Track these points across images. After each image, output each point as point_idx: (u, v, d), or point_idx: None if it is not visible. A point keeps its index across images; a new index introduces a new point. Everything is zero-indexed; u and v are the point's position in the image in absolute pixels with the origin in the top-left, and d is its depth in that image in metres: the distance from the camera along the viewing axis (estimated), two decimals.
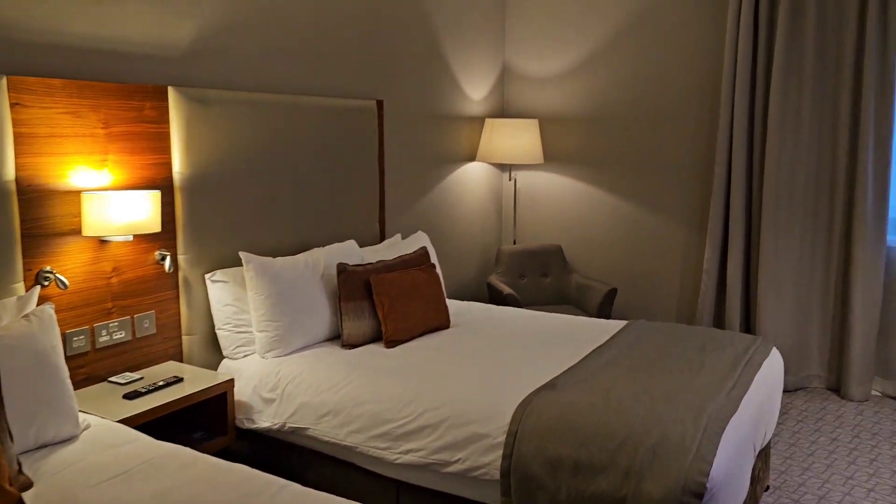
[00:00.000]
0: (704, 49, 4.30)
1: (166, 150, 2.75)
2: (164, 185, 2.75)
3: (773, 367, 2.78)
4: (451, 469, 2.30)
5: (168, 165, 2.76)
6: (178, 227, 2.81)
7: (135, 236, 2.61)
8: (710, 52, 4.29)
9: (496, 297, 4.29)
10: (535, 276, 4.65)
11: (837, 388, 4.11)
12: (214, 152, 2.90)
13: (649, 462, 1.99)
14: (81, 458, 1.97)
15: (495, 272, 4.60)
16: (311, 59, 3.41)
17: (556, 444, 2.13)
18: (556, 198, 4.89)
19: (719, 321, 4.34)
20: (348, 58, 3.62)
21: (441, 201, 4.40)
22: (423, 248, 3.47)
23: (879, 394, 4.08)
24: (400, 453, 2.40)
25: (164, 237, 2.76)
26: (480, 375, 2.58)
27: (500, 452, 2.21)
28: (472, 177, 4.72)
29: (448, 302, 3.72)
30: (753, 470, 2.66)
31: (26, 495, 1.77)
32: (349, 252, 3.28)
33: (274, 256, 3.03)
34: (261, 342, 2.85)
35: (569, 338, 3.05)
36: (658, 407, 2.21)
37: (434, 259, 3.66)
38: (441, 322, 3.22)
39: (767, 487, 3.02)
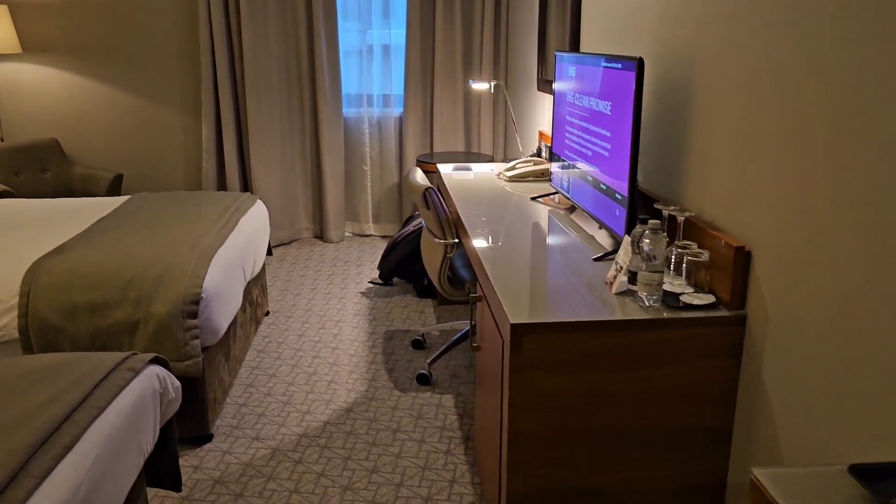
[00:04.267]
0: None
1: None
2: None
3: (257, 213, 3.43)
4: None
5: None
6: None
7: None
8: None
9: None
10: (34, 172, 4.51)
11: (321, 235, 5.09)
12: None
13: (155, 289, 2.42)
14: None
15: None
16: None
17: (70, 293, 2.40)
18: (45, 90, 4.72)
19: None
20: None
21: None
22: None
23: (350, 234, 5.20)
24: None
25: None
26: None
27: (15, 313, 2.38)
28: None
29: None
30: (251, 296, 3.32)
31: None
32: None
33: None
34: None
35: (74, 215, 3.22)
36: (160, 249, 2.63)
37: None
38: None
39: (268, 312, 3.76)
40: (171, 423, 1.95)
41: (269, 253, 3.70)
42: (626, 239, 1.83)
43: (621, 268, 1.83)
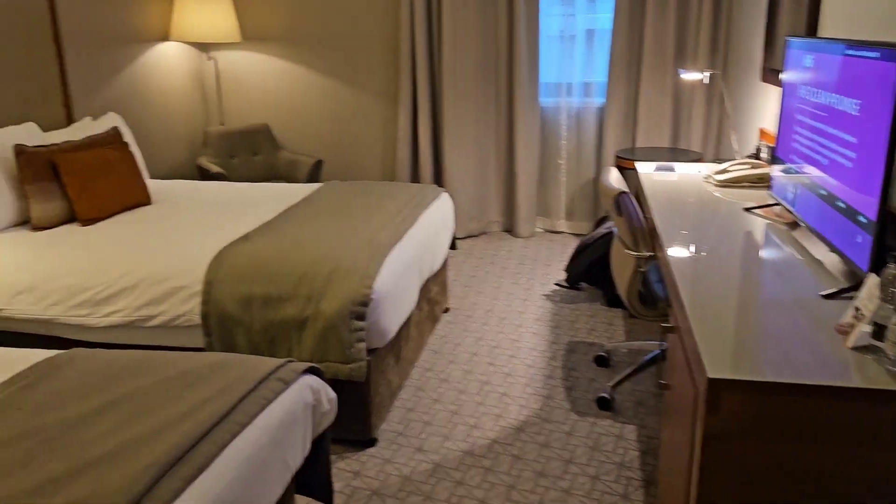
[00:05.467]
0: None
1: None
2: None
3: (441, 208, 3.30)
4: (154, 322, 2.49)
5: None
6: None
7: None
8: None
9: (206, 178, 4.37)
10: (246, 155, 4.77)
11: (510, 229, 4.91)
12: None
13: (326, 286, 2.36)
14: None
15: (205, 154, 4.64)
16: None
17: (248, 284, 2.42)
18: (259, 77, 4.98)
19: (415, 181, 4.88)
20: None
21: (137, 83, 4.27)
22: (115, 128, 3.43)
23: (541, 230, 4.96)
24: (102, 317, 2.53)
25: None
26: (177, 238, 2.75)
27: (199, 300, 2.45)
28: (169, 57, 4.61)
29: (151, 181, 3.75)
30: (429, 293, 3.21)
31: None
32: (28, 135, 3.15)
33: None
34: None
35: (268, 201, 3.30)
36: (335, 243, 2.58)
37: (129, 139, 3.63)
38: (140, 199, 3.28)
39: (447, 309, 3.64)
40: (325, 436, 1.86)
41: (453, 247, 3.57)
42: (873, 280, 1.42)
43: (863, 315, 1.42)
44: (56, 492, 1.22)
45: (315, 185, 3.58)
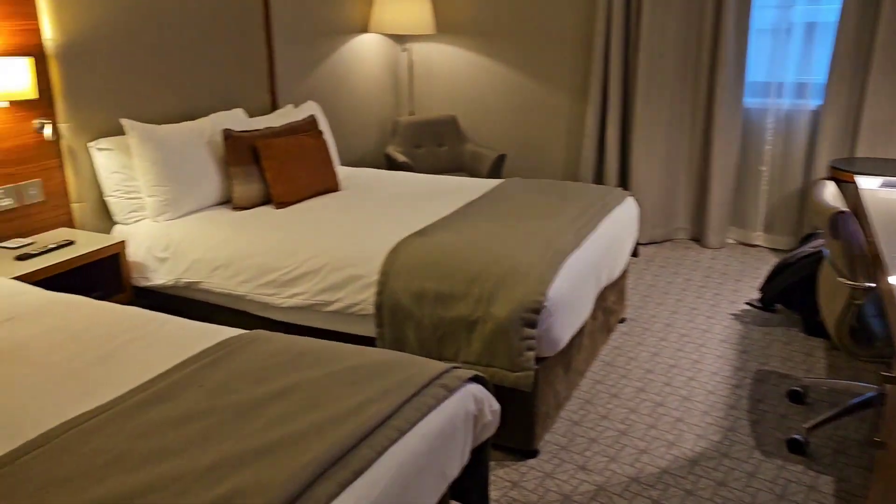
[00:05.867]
0: None
1: (32, 15, 2.73)
2: (34, 52, 2.74)
3: (625, 213, 3.11)
4: (332, 308, 2.57)
5: (36, 32, 2.75)
6: (56, 95, 2.83)
7: (11, 104, 2.64)
8: None
9: (393, 166, 4.48)
10: (431, 146, 4.84)
11: (699, 237, 4.57)
12: (89, 18, 2.89)
13: (498, 289, 2.29)
14: None
15: (393, 143, 4.76)
16: None
17: (422, 279, 2.41)
18: (450, 69, 5.02)
19: (599, 181, 4.69)
20: None
21: (336, 73, 4.47)
22: (312, 116, 3.59)
23: (734, 241, 4.57)
24: (286, 297, 2.64)
25: (42, 106, 2.79)
26: (359, 227, 2.81)
27: (374, 290, 2.48)
28: (367, 48, 4.77)
29: (340, 168, 3.90)
30: (605, 302, 3.04)
31: None
32: (236, 120, 3.37)
33: (159, 124, 3.11)
34: (152, 207, 2.98)
35: (448, 195, 3.29)
36: (510, 244, 2.50)
37: (324, 127, 3.79)
38: (330, 185, 3.40)
39: (623, 319, 3.45)
40: (485, 446, 1.79)
41: (635, 254, 3.37)
42: None
43: None
44: (222, 478, 1.25)
45: (496, 182, 3.53)
